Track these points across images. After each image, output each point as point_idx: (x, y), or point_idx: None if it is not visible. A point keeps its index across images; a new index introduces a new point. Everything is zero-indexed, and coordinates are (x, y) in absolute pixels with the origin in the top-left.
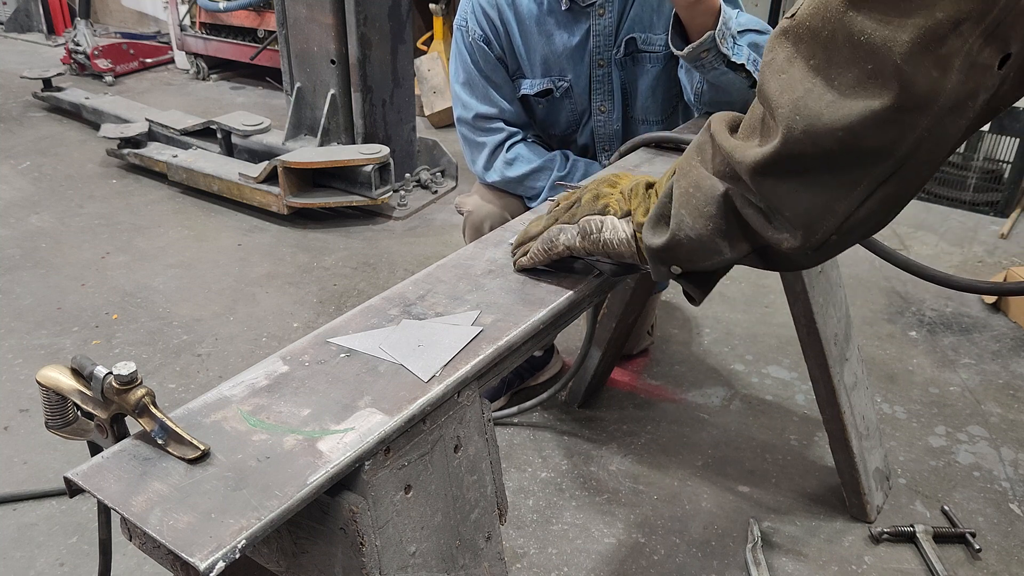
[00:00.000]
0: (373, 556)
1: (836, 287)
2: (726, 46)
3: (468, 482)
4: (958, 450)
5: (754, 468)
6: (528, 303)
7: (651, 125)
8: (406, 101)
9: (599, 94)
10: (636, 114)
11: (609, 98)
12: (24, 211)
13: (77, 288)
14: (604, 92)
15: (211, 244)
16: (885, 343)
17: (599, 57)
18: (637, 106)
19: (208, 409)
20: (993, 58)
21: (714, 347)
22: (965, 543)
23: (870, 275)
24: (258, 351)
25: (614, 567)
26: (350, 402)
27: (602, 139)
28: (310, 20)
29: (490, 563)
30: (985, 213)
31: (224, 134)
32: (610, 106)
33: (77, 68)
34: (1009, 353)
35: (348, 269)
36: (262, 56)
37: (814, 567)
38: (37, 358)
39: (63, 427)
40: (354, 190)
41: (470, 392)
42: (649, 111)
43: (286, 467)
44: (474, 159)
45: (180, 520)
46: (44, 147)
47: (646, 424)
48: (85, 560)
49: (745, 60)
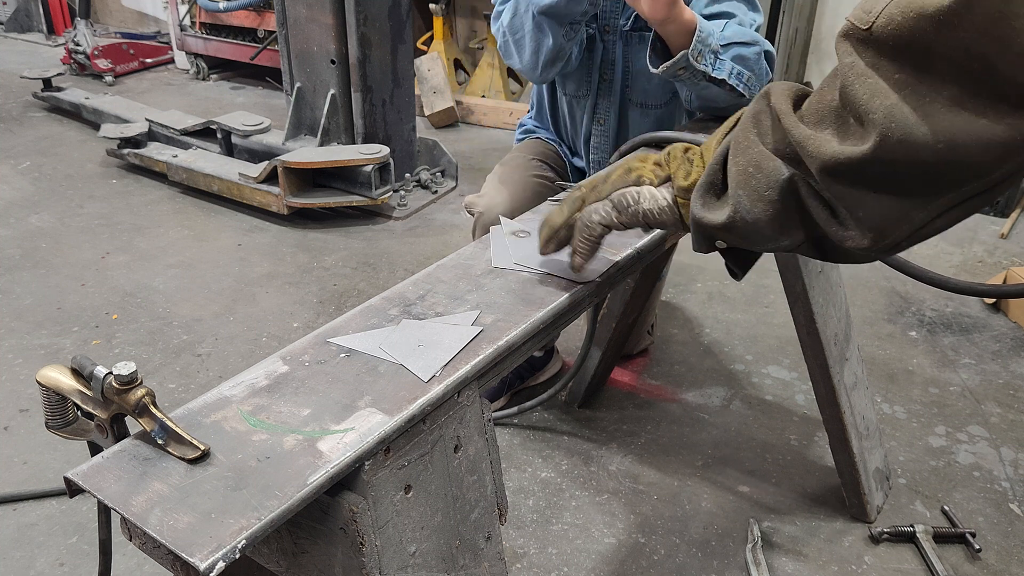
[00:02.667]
0: (373, 556)
1: (836, 287)
2: (704, 63)
3: (468, 482)
4: (958, 450)
5: (754, 468)
6: (528, 303)
7: (648, 110)
8: (406, 101)
9: (605, 62)
10: (634, 96)
11: (611, 68)
12: (24, 211)
13: (77, 288)
14: (608, 61)
15: (211, 244)
16: (885, 343)
17: (605, 23)
18: (637, 87)
19: (208, 409)
20: None
21: (714, 347)
22: (965, 543)
23: (870, 275)
24: (258, 351)
25: (614, 567)
26: (350, 402)
27: (600, 113)
28: (310, 20)
29: (490, 563)
30: (985, 213)
31: (224, 134)
32: (611, 75)
33: (77, 68)
34: (1009, 353)
35: (348, 269)
36: (262, 56)
37: (814, 567)
38: (37, 358)
39: (63, 427)
40: (354, 190)
41: (470, 392)
42: (648, 94)
43: (286, 467)
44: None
45: (180, 520)
46: (44, 147)
47: (646, 424)
48: (85, 560)
49: (727, 75)
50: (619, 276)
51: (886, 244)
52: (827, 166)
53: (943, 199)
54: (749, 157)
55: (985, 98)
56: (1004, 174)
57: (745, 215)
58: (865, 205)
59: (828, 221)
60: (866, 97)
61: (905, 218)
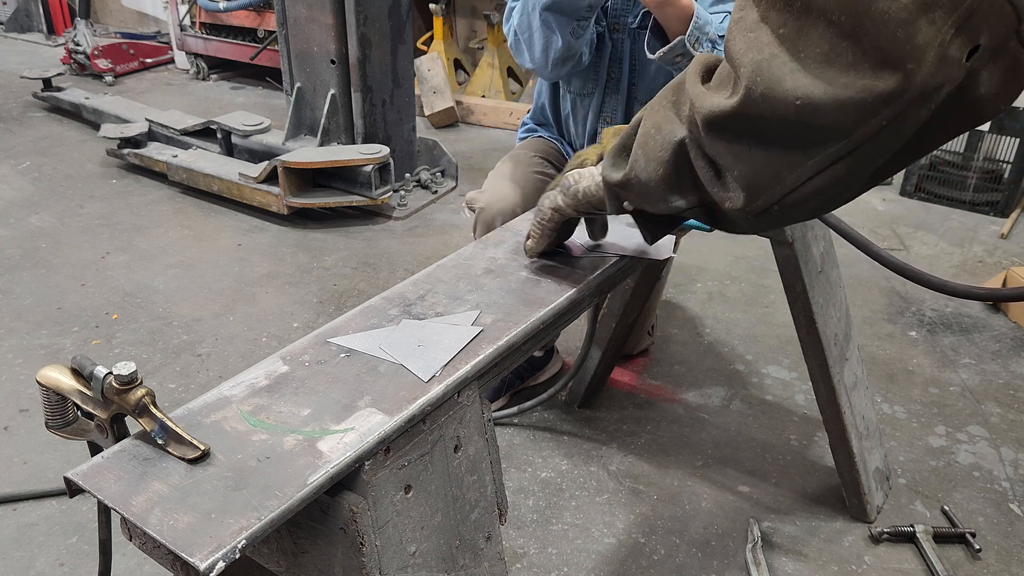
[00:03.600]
0: (373, 556)
1: (836, 287)
2: (701, 49)
3: (468, 482)
4: (958, 450)
5: (754, 468)
6: (528, 303)
7: None
8: (406, 101)
9: (613, 59)
10: (641, 95)
11: (618, 66)
12: (24, 211)
13: (77, 288)
14: (616, 59)
15: (211, 244)
16: (885, 343)
17: (615, 20)
18: (643, 85)
19: (208, 409)
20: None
21: (714, 347)
22: (965, 543)
23: (870, 275)
24: (258, 351)
25: (614, 567)
26: (350, 402)
27: (606, 112)
28: (310, 20)
29: (490, 563)
30: (985, 213)
31: (224, 134)
32: (618, 74)
33: (77, 68)
34: (1009, 353)
35: (348, 269)
36: (262, 56)
37: (814, 567)
38: (37, 358)
39: (63, 427)
40: (354, 190)
41: (470, 392)
42: (654, 93)
43: (286, 467)
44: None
45: (180, 520)
46: (44, 147)
47: (646, 424)
48: (85, 560)
49: None
50: (619, 276)
51: (759, 206)
52: (707, 120)
53: (812, 161)
54: (655, 120)
55: (850, 57)
56: (865, 135)
57: (640, 173)
58: (740, 163)
59: (712, 181)
60: (741, 51)
61: (777, 178)
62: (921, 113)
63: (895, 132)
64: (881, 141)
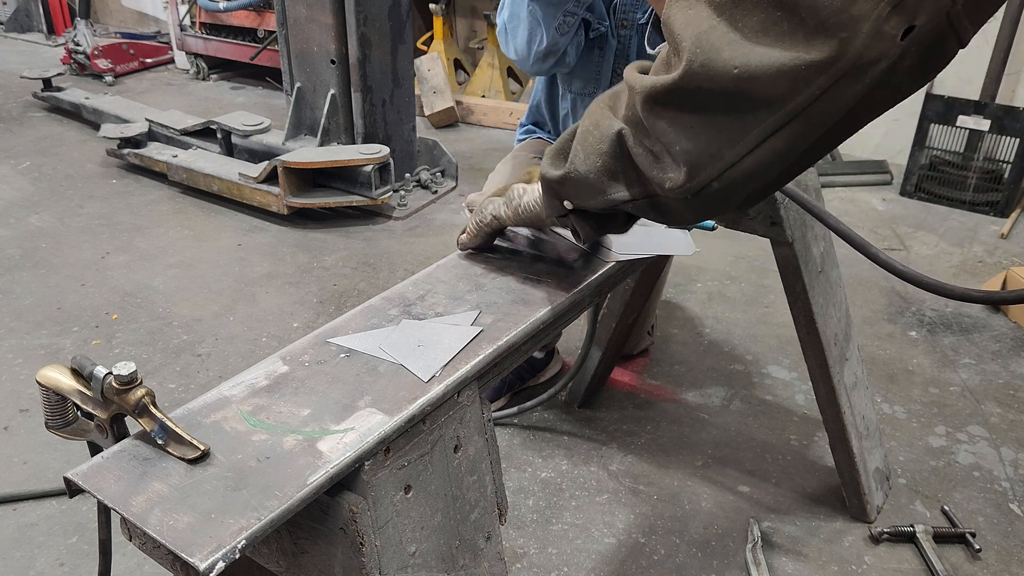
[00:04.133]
0: (373, 556)
1: (836, 287)
2: None
3: (468, 482)
4: (958, 450)
5: (754, 468)
6: (528, 303)
7: None
8: (406, 101)
9: (620, 57)
10: None
11: (624, 63)
12: (24, 211)
13: (77, 288)
14: (621, 57)
15: (211, 244)
16: (885, 343)
17: (623, 17)
18: None
19: (208, 409)
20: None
21: (714, 347)
22: (965, 543)
23: (870, 275)
24: (258, 351)
25: (614, 567)
26: (350, 402)
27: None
28: (310, 20)
29: (490, 563)
30: (985, 213)
31: (224, 134)
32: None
33: (77, 68)
34: (1009, 353)
35: (348, 269)
36: (262, 56)
37: (814, 567)
38: (37, 358)
39: (63, 427)
40: (354, 190)
41: (470, 392)
42: None
43: (286, 467)
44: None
45: (180, 520)
46: (44, 147)
47: (646, 424)
48: (85, 560)
49: None
50: (619, 276)
51: (699, 182)
52: (648, 97)
53: (750, 134)
54: (593, 119)
55: (786, 27)
56: (800, 106)
57: (579, 167)
58: (681, 138)
59: (651, 166)
60: (681, 26)
61: (716, 155)
62: (856, 88)
63: (830, 103)
64: (815, 113)
